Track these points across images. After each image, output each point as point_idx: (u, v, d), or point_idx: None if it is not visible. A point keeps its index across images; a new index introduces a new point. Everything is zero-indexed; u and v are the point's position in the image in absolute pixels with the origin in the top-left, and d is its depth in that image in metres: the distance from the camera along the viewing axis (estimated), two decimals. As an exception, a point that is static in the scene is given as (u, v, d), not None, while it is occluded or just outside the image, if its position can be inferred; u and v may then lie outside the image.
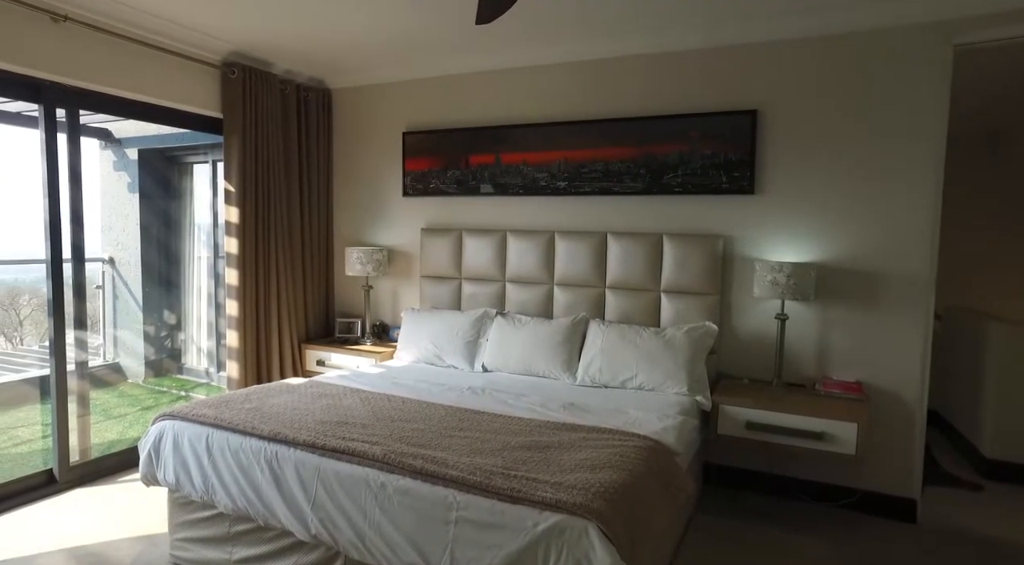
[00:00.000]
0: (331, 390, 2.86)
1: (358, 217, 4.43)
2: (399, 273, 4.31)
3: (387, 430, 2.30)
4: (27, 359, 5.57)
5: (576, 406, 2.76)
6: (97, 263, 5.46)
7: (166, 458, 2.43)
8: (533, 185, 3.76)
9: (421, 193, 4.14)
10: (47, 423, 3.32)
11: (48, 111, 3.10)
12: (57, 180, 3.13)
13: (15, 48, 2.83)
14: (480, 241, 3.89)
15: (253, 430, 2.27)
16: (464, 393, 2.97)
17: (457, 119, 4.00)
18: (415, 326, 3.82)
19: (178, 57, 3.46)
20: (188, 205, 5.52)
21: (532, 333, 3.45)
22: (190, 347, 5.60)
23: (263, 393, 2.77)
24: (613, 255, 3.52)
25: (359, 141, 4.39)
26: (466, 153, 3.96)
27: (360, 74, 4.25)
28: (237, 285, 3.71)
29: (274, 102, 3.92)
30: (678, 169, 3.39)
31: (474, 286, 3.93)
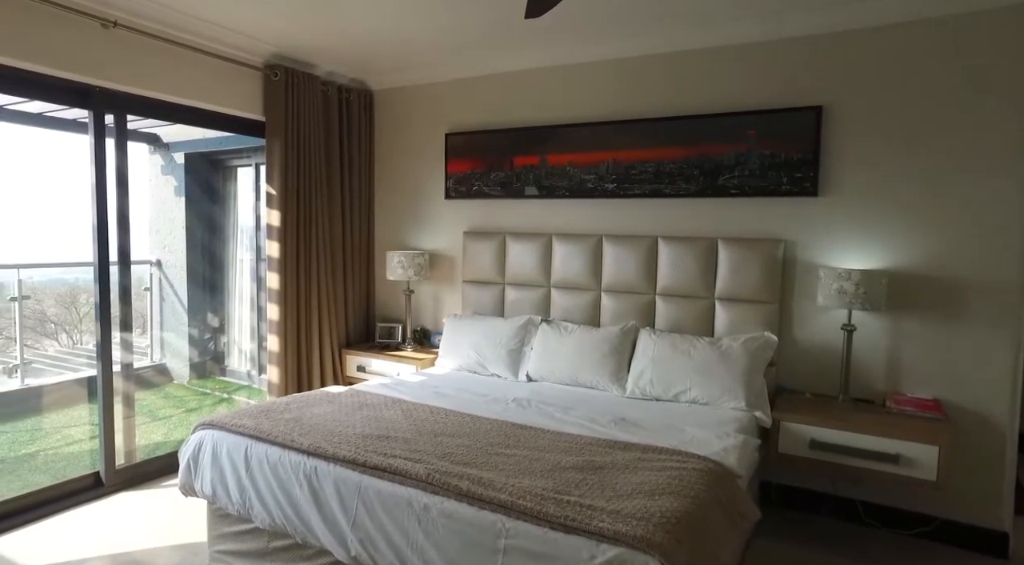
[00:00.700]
0: (372, 400, 2.78)
1: (399, 220, 4.36)
2: (441, 277, 4.22)
3: (430, 446, 2.19)
4: (82, 358, 5.68)
5: (628, 421, 2.60)
6: (145, 265, 5.54)
7: (204, 468, 2.38)
8: (580, 187, 3.62)
9: (464, 196, 4.03)
10: (95, 423, 3.35)
11: (97, 117, 3.10)
12: (105, 184, 3.13)
13: (67, 55, 2.85)
14: (524, 245, 3.76)
15: (292, 443, 2.19)
16: (509, 405, 2.84)
17: (501, 119, 3.89)
18: (457, 333, 3.72)
19: (222, 60, 3.44)
20: (232, 208, 5.55)
21: (579, 342, 3.31)
22: (233, 349, 5.64)
23: (303, 402, 2.70)
24: (664, 260, 3.35)
25: (401, 143, 4.32)
26: (510, 154, 3.84)
27: (402, 74, 4.18)
28: (278, 289, 3.68)
29: (316, 104, 3.88)
30: (734, 170, 3.20)
31: (518, 292, 3.81)
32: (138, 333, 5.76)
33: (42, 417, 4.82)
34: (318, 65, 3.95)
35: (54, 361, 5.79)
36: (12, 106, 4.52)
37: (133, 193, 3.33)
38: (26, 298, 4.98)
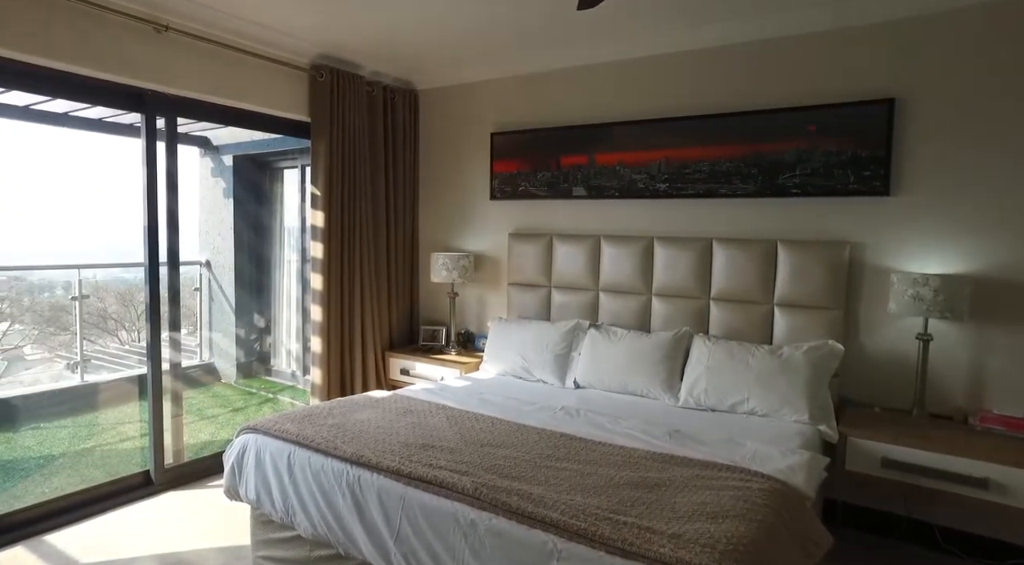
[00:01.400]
0: (416, 406, 2.71)
1: (444, 221, 4.31)
2: (485, 280, 4.14)
3: (476, 456, 2.10)
4: (137, 355, 5.82)
5: (683, 434, 2.46)
6: (195, 266, 5.64)
7: (248, 473, 2.35)
8: (630, 187, 3.49)
9: (509, 196, 3.95)
10: (146, 421, 3.40)
11: (149, 120, 3.13)
12: (155, 187, 3.16)
13: (121, 60, 2.88)
14: (572, 247, 3.65)
15: (335, 450, 2.13)
16: (557, 414, 2.74)
17: (548, 118, 3.78)
18: (502, 336, 3.63)
19: (269, 62, 3.44)
20: (278, 209, 5.61)
21: (629, 348, 3.18)
22: (278, 349, 5.69)
23: (347, 407, 2.65)
24: (719, 263, 3.18)
25: (446, 143, 4.26)
26: (557, 154, 3.74)
27: (447, 73, 4.12)
28: (322, 290, 3.66)
29: (361, 104, 3.85)
30: (795, 168, 3.02)
31: (565, 295, 3.69)
32: (188, 332, 5.89)
33: (99, 413, 4.94)
34: (363, 65, 3.92)
35: (112, 358, 5.97)
36: (76, 113, 4.67)
37: (184, 195, 3.35)
38: (85, 297, 5.12)
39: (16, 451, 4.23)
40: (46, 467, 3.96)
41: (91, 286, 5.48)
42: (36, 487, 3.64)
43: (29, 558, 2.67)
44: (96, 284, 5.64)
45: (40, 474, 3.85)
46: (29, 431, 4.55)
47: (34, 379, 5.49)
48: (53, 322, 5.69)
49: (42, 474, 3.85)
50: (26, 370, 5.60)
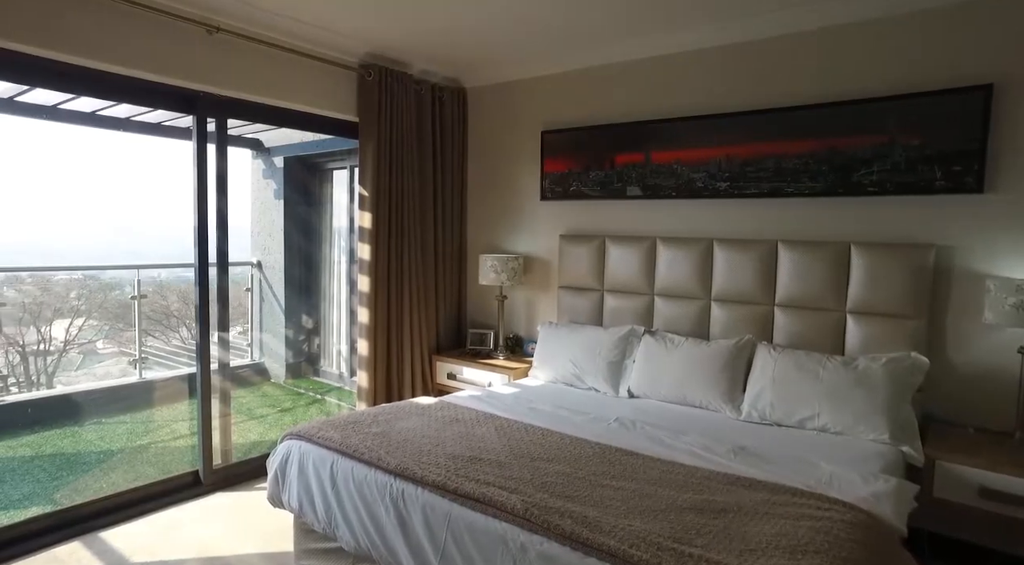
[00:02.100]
0: (463, 414, 2.60)
1: (492, 222, 4.20)
2: (535, 283, 4.01)
3: (527, 472, 1.97)
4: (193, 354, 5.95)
5: (749, 451, 2.27)
6: (247, 267, 5.72)
7: (291, 481, 2.29)
8: (688, 187, 3.30)
9: (560, 197, 3.81)
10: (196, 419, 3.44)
11: (200, 121, 3.14)
12: (206, 188, 3.16)
13: (174, 62, 2.88)
14: (626, 249, 3.49)
15: (378, 461, 2.04)
16: (611, 426, 2.58)
17: (601, 115, 3.63)
18: (552, 342, 3.50)
19: (318, 61, 3.41)
20: (327, 211, 5.62)
21: (686, 356, 3.00)
22: (326, 350, 5.71)
23: (392, 414, 2.56)
24: (785, 267, 2.97)
25: (494, 142, 4.16)
26: (611, 152, 3.58)
27: (496, 70, 4.01)
28: (369, 292, 3.60)
29: (409, 103, 3.78)
30: (872, 164, 2.78)
31: (618, 299, 3.53)
32: (239, 332, 5.98)
33: (155, 410, 5.05)
34: (412, 63, 3.86)
35: (170, 355, 6.14)
36: (136, 117, 4.78)
37: (237, 197, 3.36)
38: (143, 297, 5.24)
39: (80, 445, 4.35)
40: (105, 462, 4.05)
41: (155, 284, 5.82)
42: (95, 482, 3.72)
43: (84, 555, 2.70)
44: (160, 283, 5.94)
45: (99, 469, 3.93)
46: (92, 426, 4.68)
47: (105, 372, 5.85)
48: (121, 318, 5.90)
49: (101, 469, 3.93)
50: (99, 364, 5.97)
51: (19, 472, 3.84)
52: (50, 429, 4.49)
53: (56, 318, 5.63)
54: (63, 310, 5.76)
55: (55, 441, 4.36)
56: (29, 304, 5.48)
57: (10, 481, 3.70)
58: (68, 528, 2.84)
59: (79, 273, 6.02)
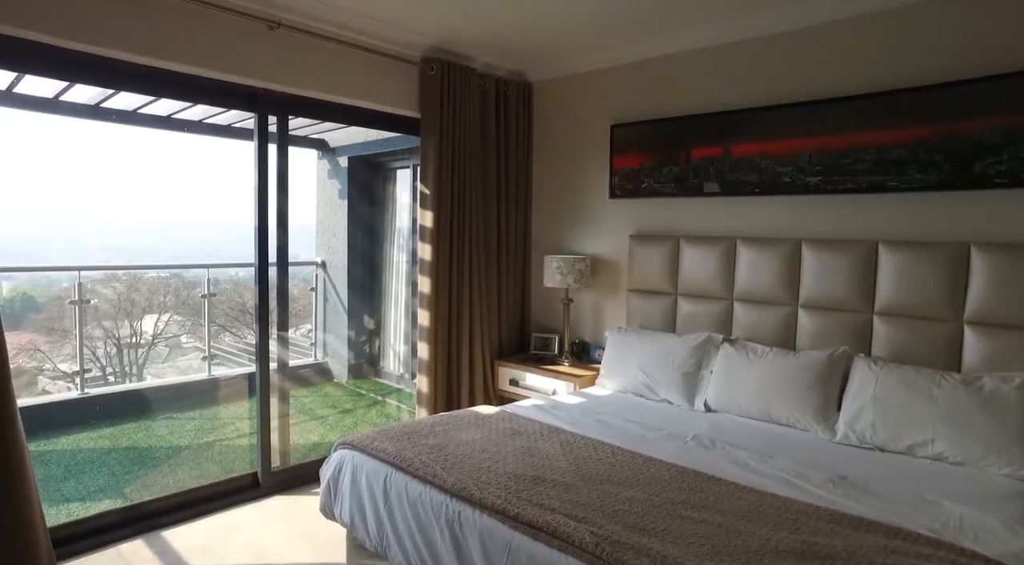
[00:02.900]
0: (526, 426, 2.43)
1: (558, 222, 4.01)
2: (603, 285, 3.79)
3: (596, 497, 1.77)
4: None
5: (851, 482, 1.99)
6: (311, 266, 5.75)
7: (344, 493, 2.17)
8: (773, 182, 3.01)
9: (631, 194, 3.57)
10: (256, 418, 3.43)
11: (261, 119, 3.10)
12: (267, 187, 3.12)
13: (236, 59, 2.85)
14: (702, 250, 3.22)
15: (434, 478, 1.89)
16: (688, 444, 2.34)
17: (676, 107, 3.38)
18: (621, 348, 3.27)
19: (379, 56, 3.31)
20: (390, 210, 5.58)
21: (771, 368, 2.71)
22: (387, 351, 5.66)
23: (451, 424, 2.42)
24: (887, 271, 2.64)
25: (561, 138, 3.96)
26: (686, 146, 3.32)
27: (563, 63, 3.82)
28: (430, 294, 3.48)
29: (472, 99, 3.64)
30: (1002, 152, 2.41)
31: (693, 304, 3.27)
32: (305, 331, 6.03)
33: (221, 407, 5.14)
34: (475, 57, 3.72)
35: (242, 352, 6.27)
36: (209, 120, 4.87)
37: (302, 197, 3.31)
38: (213, 295, 5.35)
39: (152, 439, 4.46)
40: (173, 458, 4.11)
41: (232, 282, 6.11)
42: (163, 478, 3.77)
43: (146, 554, 2.70)
44: (237, 281, 6.15)
45: (167, 465, 4.00)
46: (164, 420, 4.80)
47: (187, 365, 6.08)
48: (201, 315, 6.13)
49: (169, 465, 3.99)
50: (182, 357, 6.29)
51: (97, 464, 3.95)
52: (127, 422, 4.63)
53: (145, 314, 6.02)
54: (151, 306, 6.14)
55: (130, 434, 4.48)
56: (123, 301, 5.87)
57: (89, 473, 3.80)
58: (133, 525, 2.86)
59: (166, 271, 6.40)
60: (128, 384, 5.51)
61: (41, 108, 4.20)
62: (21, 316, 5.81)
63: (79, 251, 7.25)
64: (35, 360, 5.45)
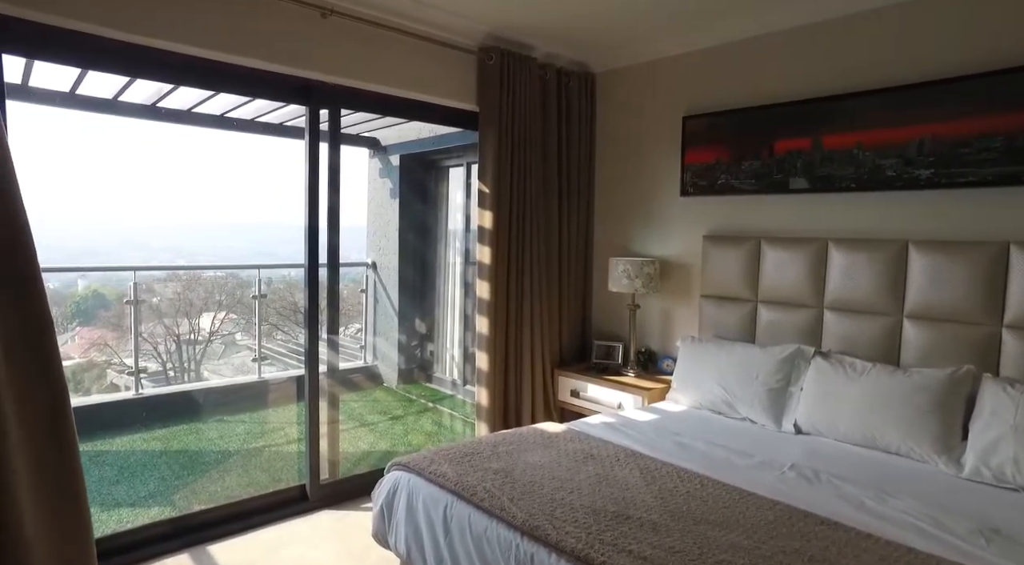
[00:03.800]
0: (598, 448, 2.17)
1: (623, 222, 3.73)
2: (671, 290, 3.50)
3: (692, 542, 1.51)
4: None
5: (1008, 537, 1.65)
6: (361, 267, 5.63)
7: (399, 520, 1.97)
8: (874, 176, 2.67)
9: (704, 191, 3.28)
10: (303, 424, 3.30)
11: (313, 113, 2.95)
12: (317, 184, 2.97)
13: (287, 49, 2.70)
14: (786, 253, 2.90)
15: (502, 512, 1.66)
16: (786, 475, 2.05)
17: (756, 95, 3.07)
18: (696, 360, 2.99)
19: (435, 44, 3.11)
20: (442, 210, 5.40)
21: (876, 387, 2.38)
22: (440, 356, 5.48)
23: (515, 445, 2.18)
24: (1020, 277, 2.28)
25: (626, 131, 3.69)
26: (769, 138, 3.01)
27: (629, 51, 3.55)
28: (489, 299, 3.26)
29: (533, 90, 3.41)
30: None
31: (775, 312, 2.95)
32: (353, 331, 5.93)
33: (271, 410, 5.06)
34: (536, 46, 3.48)
35: (293, 352, 6.24)
36: (262, 118, 4.80)
37: (354, 196, 3.16)
38: (263, 296, 5.30)
39: (202, 443, 4.39)
40: (222, 463, 4.02)
41: (285, 282, 6.20)
42: (211, 485, 3.67)
43: (191, 569, 2.57)
44: (289, 281, 6.20)
45: (216, 470, 3.91)
46: (214, 423, 4.74)
47: (241, 362, 6.21)
48: (254, 314, 6.19)
49: (218, 471, 3.90)
50: (236, 354, 6.40)
51: (149, 467, 3.89)
52: (179, 424, 4.60)
53: (203, 312, 6.21)
54: (208, 304, 6.30)
55: (181, 437, 4.43)
56: (182, 300, 6.10)
57: (140, 476, 3.74)
58: (179, 537, 2.75)
59: (222, 271, 6.56)
60: (181, 385, 5.51)
61: (101, 109, 4.23)
62: (93, 313, 6.20)
63: (146, 251, 7.50)
64: (104, 354, 5.76)
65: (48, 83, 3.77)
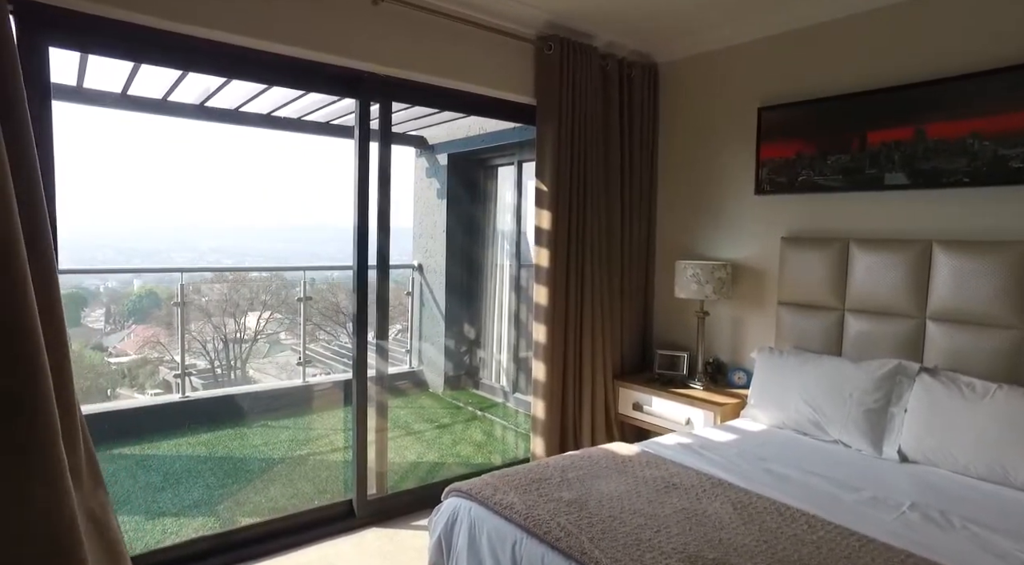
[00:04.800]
0: (680, 476, 1.93)
1: (688, 223, 3.46)
2: (743, 296, 3.22)
3: (816, 606, 1.26)
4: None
5: None
6: (407, 270, 5.48)
7: (459, 554, 1.76)
8: (992, 169, 2.35)
9: (783, 189, 2.99)
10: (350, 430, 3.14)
11: (363, 106, 2.78)
12: (367, 182, 2.80)
13: (336, 38, 2.54)
14: (881, 256, 2.60)
15: (584, 556, 1.44)
16: (907, 517, 1.76)
17: (844, 82, 2.77)
18: (775, 374, 2.71)
19: (490, 32, 2.91)
20: (492, 211, 5.20)
21: (1005, 413, 2.07)
22: (488, 361, 5.28)
23: (585, 470, 1.96)
24: None
25: (693, 126, 3.43)
26: (861, 128, 2.71)
27: (696, 39, 3.29)
28: (547, 305, 3.04)
29: (594, 82, 3.18)
30: None
31: (867, 321, 2.65)
32: (398, 331, 5.80)
33: (315, 416, 4.95)
34: (597, 35, 3.25)
35: (337, 354, 6.16)
36: (309, 117, 4.70)
37: (400, 196, 2.98)
38: (309, 299, 5.21)
39: (246, 449, 4.30)
40: (266, 472, 3.90)
41: (327, 281, 6.24)
42: (255, 495, 3.55)
43: (233, 592, 2.42)
44: (332, 281, 6.25)
45: (261, 480, 3.78)
46: (259, 428, 4.65)
47: (285, 361, 6.28)
48: (298, 313, 6.23)
49: (262, 480, 3.78)
50: (280, 353, 6.46)
51: (194, 473, 3.81)
52: (224, 428, 4.53)
53: (249, 311, 6.33)
54: (254, 304, 6.41)
55: (226, 442, 4.35)
56: (228, 301, 6.21)
57: (185, 483, 3.65)
58: (223, 554, 2.62)
59: (267, 272, 6.66)
60: (225, 389, 5.45)
61: (151, 109, 4.19)
62: (148, 311, 6.39)
63: (195, 251, 7.64)
64: (156, 351, 5.90)
65: (100, 84, 3.75)
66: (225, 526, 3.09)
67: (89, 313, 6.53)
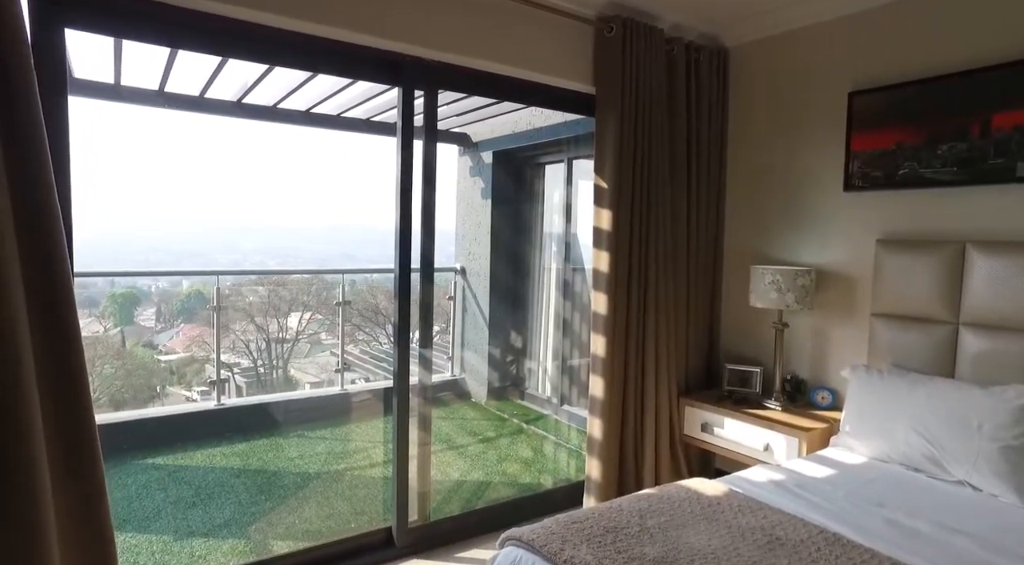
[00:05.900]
0: (781, 526, 1.59)
1: (762, 223, 3.11)
2: (827, 306, 2.85)
3: None
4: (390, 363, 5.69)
5: None
6: (449, 273, 5.23)
7: (523, 616, 1.46)
8: None
9: (878, 185, 2.62)
10: (390, 442, 2.89)
11: (406, 94, 2.52)
12: (410, 178, 2.54)
13: (375, 18, 2.28)
14: (1007, 261, 2.21)
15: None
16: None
17: (957, 57, 2.39)
18: (875, 396, 2.34)
19: (545, 11, 2.60)
20: (539, 211, 4.90)
21: None
22: (535, 371, 4.98)
23: (667, 516, 1.64)
24: None
25: (768, 115, 3.07)
26: (982, 111, 2.32)
27: (771, 19, 2.95)
28: (606, 313, 2.72)
29: (659, 68, 2.85)
30: None
31: (989, 338, 2.26)
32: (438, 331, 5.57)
33: (352, 426, 4.74)
34: (662, 16, 2.93)
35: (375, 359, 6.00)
36: (347, 114, 4.51)
37: (442, 197, 2.72)
38: (348, 303, 5.02)
39: (281, 461, 4.10)
40: (301, 490, 3.68)
41: (366, 283, 6.31)
42: (289, 515, 3.32)
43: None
44: (372, 283, 6.31)
45: (295, 498, 3.56)
46: (295, 438, 4.46)
47: (325, 361, 6.34)
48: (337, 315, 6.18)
49: (296, 498, 3.55)
50: (320, 353, 6.54)
51: (227, 488, 3.61)
52: (259, 438, 4.35)
53: (291, 312, 6.46)
54: (295, 305, 6.51)
55: (261, 453, 4.16)
56: (268, 304, 6.35)
57: (217, 498, 3.46)
58: (252, 582, 2.38)
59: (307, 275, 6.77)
60: (261, 396, 5.31)
61: (189, 106, 4.08)
62: (195, 311, 6.54)
63: (238, 253, 7.66)
64: (203, 350, 5.98)
65: (137, 81, 3.62)
66: (256, 551, 2.88)
67: (142, 312, 6.85)
